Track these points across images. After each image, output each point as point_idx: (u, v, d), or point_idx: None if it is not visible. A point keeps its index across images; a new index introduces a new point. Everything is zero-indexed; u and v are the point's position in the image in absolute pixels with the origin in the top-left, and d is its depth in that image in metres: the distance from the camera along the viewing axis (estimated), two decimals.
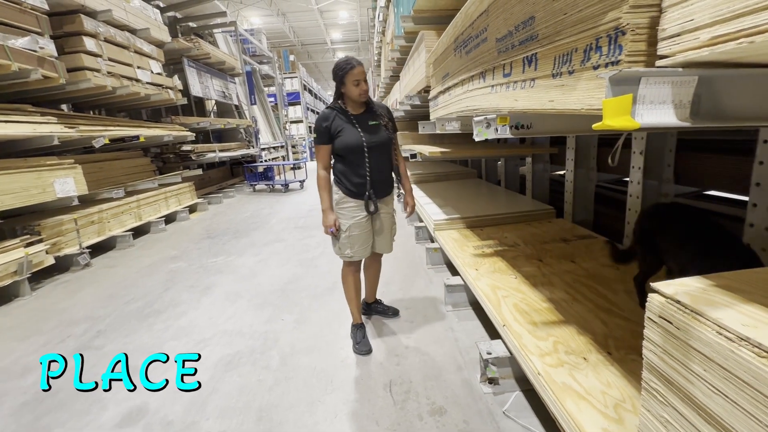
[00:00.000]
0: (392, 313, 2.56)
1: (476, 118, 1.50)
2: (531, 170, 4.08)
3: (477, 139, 1.52)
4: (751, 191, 1.73)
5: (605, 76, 0.70)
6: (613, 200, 3.62)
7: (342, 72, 1.96)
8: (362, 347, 2.18)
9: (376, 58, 10.88)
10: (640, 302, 1.59)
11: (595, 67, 0.93)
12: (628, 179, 3.72)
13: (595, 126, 0.74)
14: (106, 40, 4.98)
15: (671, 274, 1.56)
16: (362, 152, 2.02)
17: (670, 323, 0.75)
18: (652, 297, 0.80)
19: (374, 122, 2.07)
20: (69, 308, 3.07)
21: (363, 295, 2.50)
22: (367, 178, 2.06)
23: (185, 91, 7.33)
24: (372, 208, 2.11)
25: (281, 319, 2.65)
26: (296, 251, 4.14)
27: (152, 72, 5.99)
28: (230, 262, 3.93)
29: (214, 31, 9.96)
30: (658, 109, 0.69)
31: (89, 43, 4.65)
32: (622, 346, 1.56)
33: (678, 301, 0.74)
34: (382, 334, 2.34)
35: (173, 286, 3.40)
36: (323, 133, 2.02)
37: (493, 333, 2.10)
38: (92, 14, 4.82)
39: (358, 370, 2.02)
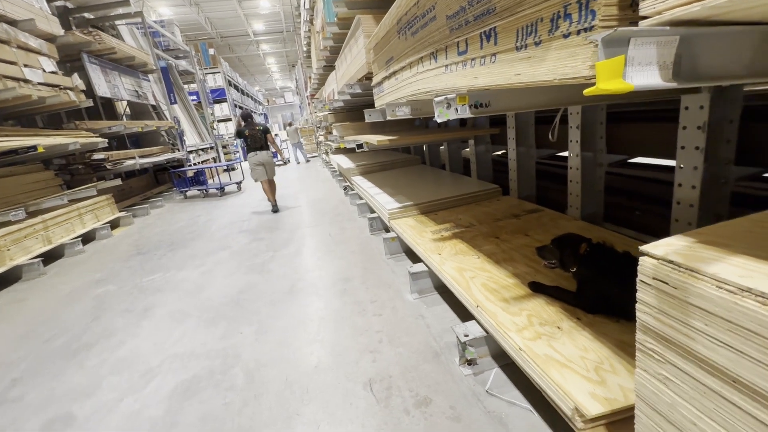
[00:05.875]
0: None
1: (437, 99, 1.45)
2: (474, 152, 4.19)
3: (439, 121, 1.47)
4: (678, 154, 1.91)
5: (597, 38, 0.67)
6: (550, 174, 3.85)
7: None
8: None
9: (305, 49, 10.49)
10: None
11: (566, 36, 0.91)
12: (560, 154, 3.99)
13: (588, 91, 0.71)
14: None
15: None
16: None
17: (666, 284, 0.76)
18: (643, 260, 0.81)
19: None
20: None
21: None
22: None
23: (89, 92, 6.43)
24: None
25: (239, 332, 2.44)
26: (245, 257, 3.86)
27: (44, 71, 5.15)
28: (170, 278, 3.55)
29: (117, 23, 8.85)
30: (646, 71, 0.68)
31: None
32: None
33: (671, 261, 0.76)
34: (353, 332, 2.26)
35: (103, 314, 2.98)
36: None
37: (464, 315, 2.12)
38: None
39: (333, 374, 1.91)
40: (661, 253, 0.78)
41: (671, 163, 2.75)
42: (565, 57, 0.91)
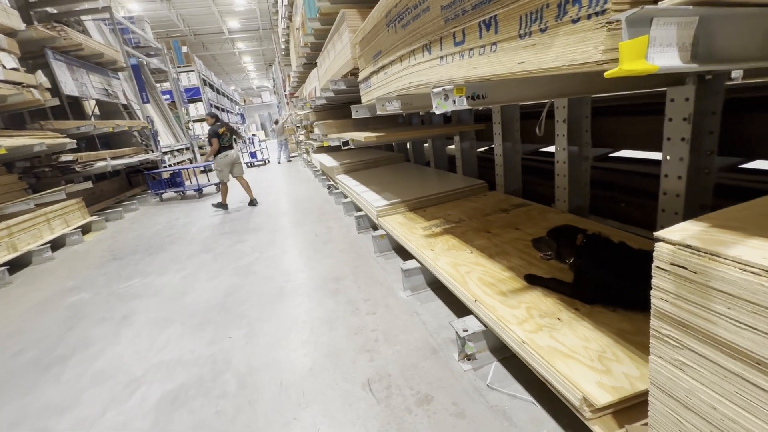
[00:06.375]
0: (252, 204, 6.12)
1: (435, 90, 1.42)
2: (459, 148, 4.21)
3: (437, 112, 1.45)
4: (664, 145, 1.95)
5: (621, 17, 0.66)
6: (534, 169, 3.91)
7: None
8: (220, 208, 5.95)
9: (283, 47, 10.28)
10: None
11: (575, 21, 0.90)
12: (543, 149, 4.05)
13: (609, 73, 0.70)
14: None
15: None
16: None
17: (685, 268, 0.76)
18: (659, 246, 0.80)
19: None
20: None
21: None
22: None
23: (55, 91, 6.09)
24: None
25: (228, 337, 2.35)
26: (229, 259, 3.73)
27: (5, 67, 4.84)
28: (149, 284, 3.39)
29: (83, 18, 8.43)
30: (666, 52, 0.67)
31: None
32: None
33: (689, 246, 0.75)
34: (348, 332, 2.21)
35: (78, 323, 2.81)
36: None
37: (459, 310, 2.11)
38: None
39: (330, 376, 1.86)
40: (678, 239, 0.77)
41: (650, 155, 2.83)
42: (575, 42, 0.89)
